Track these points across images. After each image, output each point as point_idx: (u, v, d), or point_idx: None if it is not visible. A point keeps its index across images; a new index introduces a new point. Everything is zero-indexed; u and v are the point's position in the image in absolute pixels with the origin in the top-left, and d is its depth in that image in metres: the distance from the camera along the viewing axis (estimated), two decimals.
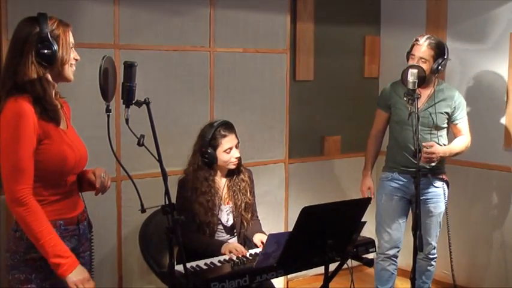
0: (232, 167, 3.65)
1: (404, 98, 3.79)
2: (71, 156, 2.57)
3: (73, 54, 2.61)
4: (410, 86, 3.74)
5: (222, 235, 3.66)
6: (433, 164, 4.06)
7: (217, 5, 4.48)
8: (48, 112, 2.51)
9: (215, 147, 3.57)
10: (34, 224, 2.43)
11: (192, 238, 3.50)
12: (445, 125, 4.17)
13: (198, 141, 3.65)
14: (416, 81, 3.74)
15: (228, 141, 3.58)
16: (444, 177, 4.21)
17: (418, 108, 3.71)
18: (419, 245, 3.65)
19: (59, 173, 2.56)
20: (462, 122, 4.18)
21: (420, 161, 3.68)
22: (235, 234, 3.70)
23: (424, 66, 3.98)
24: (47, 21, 2.51)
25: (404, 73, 3.87)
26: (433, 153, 3.96)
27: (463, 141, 4.17)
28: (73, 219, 2.64)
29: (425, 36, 4.06)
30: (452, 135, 4.23)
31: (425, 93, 4.08)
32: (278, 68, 4.89)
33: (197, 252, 3.39)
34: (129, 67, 2.53)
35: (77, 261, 2.51)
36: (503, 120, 4.66)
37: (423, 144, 3.95)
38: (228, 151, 3.58)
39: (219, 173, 3.68)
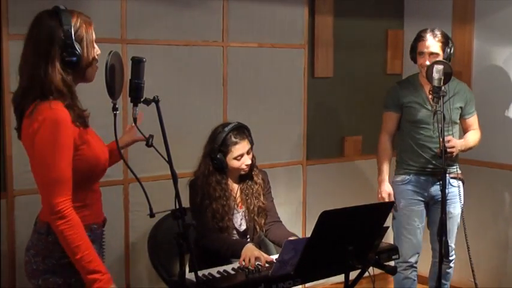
0: (243, 172, 3.67)
1: (430, 96, 3.80)
2: (103, 157, 2.62)
3: (94, 51, 2.59)
4: (435, 83, 3.76)
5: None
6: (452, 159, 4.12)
7: None
8: (79, 118, 2.52)
9: (225, 154, 3.58)
10: (73, 237, 2.42)
11: (213, 238, 3.52)
12: (458, 120, 4.27)
13: (209, 143, 3.64)
14: (442, 77, 3.77)
15: (238, 149, 3.58)
16: (460, 175, 4.27)
17: (443, 107, 3.72)
18: (445, 252, 3.64)
19: (94, 176, 2.61)
20: (473, 116, 4.31)
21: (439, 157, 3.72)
22: (248, 239, 3.70)
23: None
24: (70, 21, 2.48)
25: (429, 69, 3.85)
26: (453, 146, 4.03)
27: (476, 136, 4.31)
28: (100, 223, 2.69)
29: (428, 30, 4.12)
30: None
31: None
32: (295, 64, 4.87)
33: (219, 252, 3.43)
34: (137, 63, 2.53)
35: (112, 280, 2.50)
36: None
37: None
38: (238, 158, 3.59)
39: (231, 177, 3.69)
